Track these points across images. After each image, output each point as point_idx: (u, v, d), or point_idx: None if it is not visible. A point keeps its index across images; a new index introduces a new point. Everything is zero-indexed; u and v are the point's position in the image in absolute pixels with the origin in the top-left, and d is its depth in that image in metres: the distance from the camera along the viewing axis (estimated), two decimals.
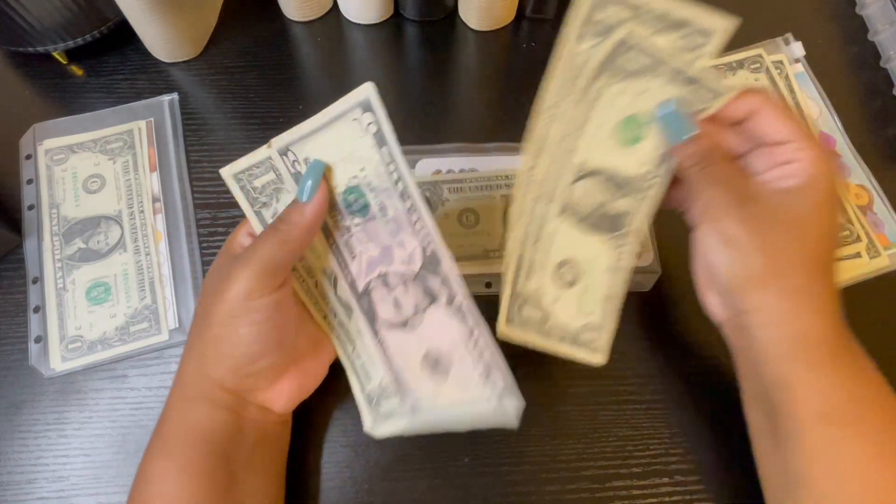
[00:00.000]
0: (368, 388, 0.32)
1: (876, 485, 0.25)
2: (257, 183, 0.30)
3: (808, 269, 0.26)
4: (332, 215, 0.30)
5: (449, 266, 0.29)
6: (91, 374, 0.36)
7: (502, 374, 0.29)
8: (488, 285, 0.38)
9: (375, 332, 0.31)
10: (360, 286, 0.31)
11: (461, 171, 0.41)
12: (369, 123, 0.27)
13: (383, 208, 0.29)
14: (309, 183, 0.27)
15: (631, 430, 0.35)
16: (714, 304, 0.30)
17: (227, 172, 0.29)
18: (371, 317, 0.31)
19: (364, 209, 0.29)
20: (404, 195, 0.28)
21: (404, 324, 0.30)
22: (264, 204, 0.30)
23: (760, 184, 0.27)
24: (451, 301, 0.29)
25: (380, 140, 0.27)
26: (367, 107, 0.27)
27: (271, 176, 0.29)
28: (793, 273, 0.26)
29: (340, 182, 0.29)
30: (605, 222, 0.31)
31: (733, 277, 0.27)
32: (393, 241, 0.30)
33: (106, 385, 0.36)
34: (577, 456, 0.35)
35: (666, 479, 0.34)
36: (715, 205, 0.27)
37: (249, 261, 0.27)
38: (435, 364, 0.30)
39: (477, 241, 0.39)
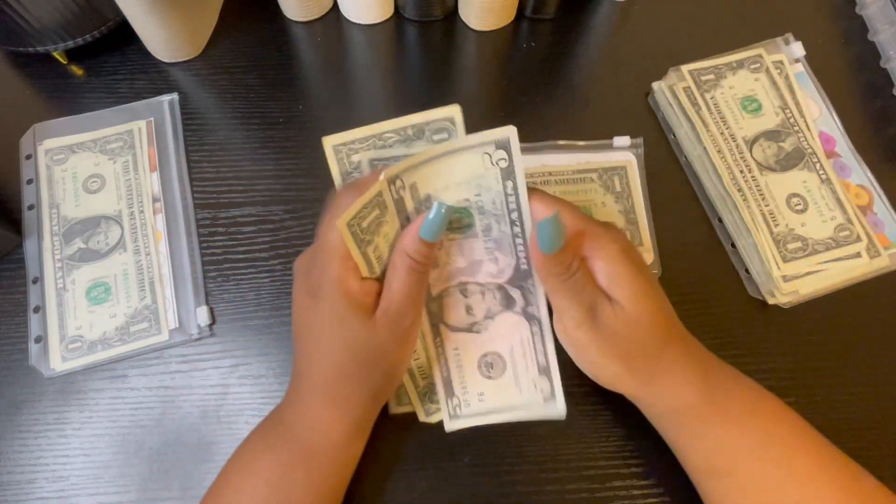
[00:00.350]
0: (421, 386, 0.34)
1: None
2: (365, 224, 0.28)
3: (655, 358, 0.30)
4: None
5: (536, 280, 0.33)
6: (91, 374, 0.36)
7: (550, 380, 0.33)
8: None
9: (436, 334, 0.34)
10: (435, 291, 0.33)
11: None
12: (500, 159, 0.29)
13: (487, 229, 0.32)
14: (438, 224, 0.28)
15: (631, 430, 0.35)
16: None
17: (341, 223, 0.27)
18: (437, 319, 0.34)
19: (465, 228, 0.32)
20: (515, 223, 0.31)
21: (471, 327, 0.34)
22: (368, 242, 0.29)
23: (602, 298, 0.29)
24: (526, 307, 0.33)
25: (508, 174, 0.30)
26: (503, 146, 0.29)
27: (376, 212, 0.29)
28: (643, 366, 0.30)
29: (448, 202, 0.30)
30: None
31: (596, 378, 0.32)
32: (486, 257, 0.33)
33: (106, 385, 0.36)
34: (577, 456, 0.35)
35: (666, 479, 0.34)
36: (569, 315, 0.30)
37: (399, 297, 0.28)
38: (490, 366, 0.34)
39: None
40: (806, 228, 0.39)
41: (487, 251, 0.33)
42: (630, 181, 0.41)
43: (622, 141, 0.42)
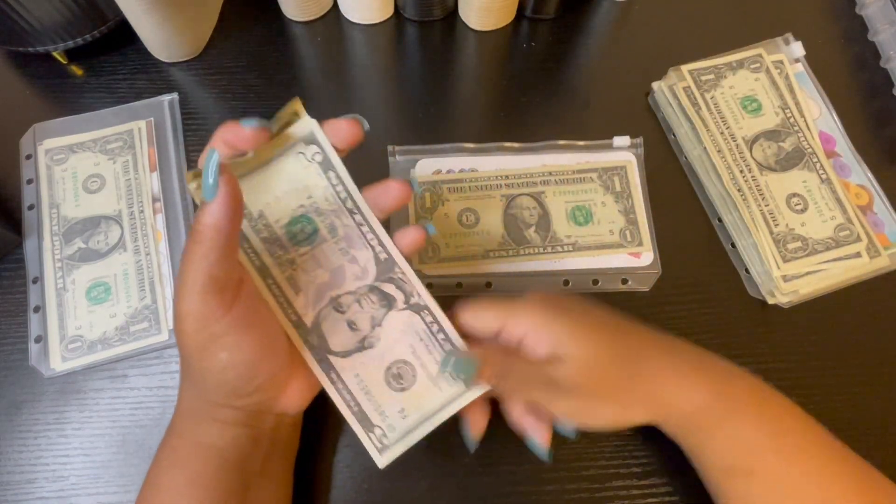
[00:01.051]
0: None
1: None
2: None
3: (637, 381, 0.30)
4: (271, 253, 0.29)
5: (403, 266, 0.30)
6: (91, 374, 0.36)
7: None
8: (488, 285, 0.38)
9: (329, 369, 0.30)
10: (309, 321, 0.30)
11: (461, 170, 0.41)
12: (315, 153, 0.29)
13: (333, 229, 0.30)
14: (210, 180, 0.24)
15: (631, 430, 0.35)
16: None
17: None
18: (322, 352, 0.30)
19: (312, 236, 0.30)
20: (353, 211, 0.30)
21: (361, 344, 0.30)
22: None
23: (544, 367, 0.29)
24: (408, 300, 0.31)
25: (326, 166, 0.29)
26: (310, 139, 0.29)
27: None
28: (631, 394, 0.30)
29: (283, 215, 0.29)
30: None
31: (605, 426, 0.31)
32: (344, 260, 0.30)
33: (106, 385, 0.36)
34: (577, 456, 0.35)
35: (666, 479, 0.34)
36: (546, 403, 0.30)
37: (185, 290, 0.24)
38: (399, 377, 0.30)
39: (477, 240, 0.39)
40: (806, 228, 0.39)
41: (343, 252, 0.30)
42: (630, 181, 0.41)
43: (622, 141, 0.42)
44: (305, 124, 0.29)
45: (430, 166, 0.41)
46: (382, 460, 0.29)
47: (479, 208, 0.39)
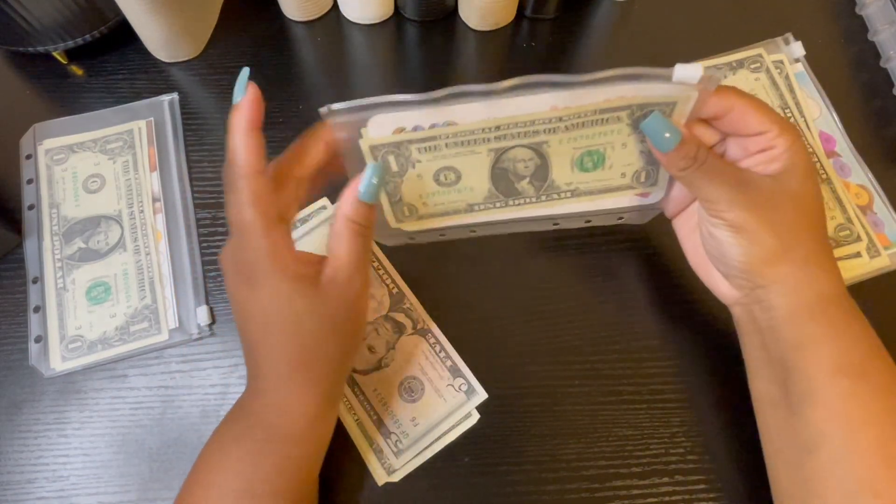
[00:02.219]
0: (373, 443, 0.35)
1: (885, 436, 0.25)
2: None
3: (812, 238, 0.28)
4: None
5: (411, 298, 0.38)
6: (91, 374, 0.36)
7: (463, 375, 0.36)
8: (472, 232, 0.35)
9: (353, 384, 0.36)
10: None
11: (433, 126, 0.29)
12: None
13: None
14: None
15: (631, 430, 0.35)
16: (725, 287, 0.31)
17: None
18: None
19: None
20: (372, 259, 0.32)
21: (379, 365, 0.36)
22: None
23: (750, 172, 0.28)
24: (415, 326, 0.37)
25: None
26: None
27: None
28: (800, 245, 0.28)
29: None
30: None
31: (750, 261, 0.28)
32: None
33: (106, 385, 0.36)
34: (577, 456, 0.35)
35: (666, 479, 0.34)
36: (716, 198, 0.28)
37: (361, 265, 0.28)
38: (410, 391, 0.36)
39: (458, 197, 0.33)
40: None
41: None
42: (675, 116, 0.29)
43: (688, 72, 0.28)
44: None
45: (389, 124, 0.29)
46: (398, 462, 0.34)
47: (461, 165, 0.31)
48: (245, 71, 0.26)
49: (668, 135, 0.27)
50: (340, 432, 0.35)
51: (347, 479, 0.34)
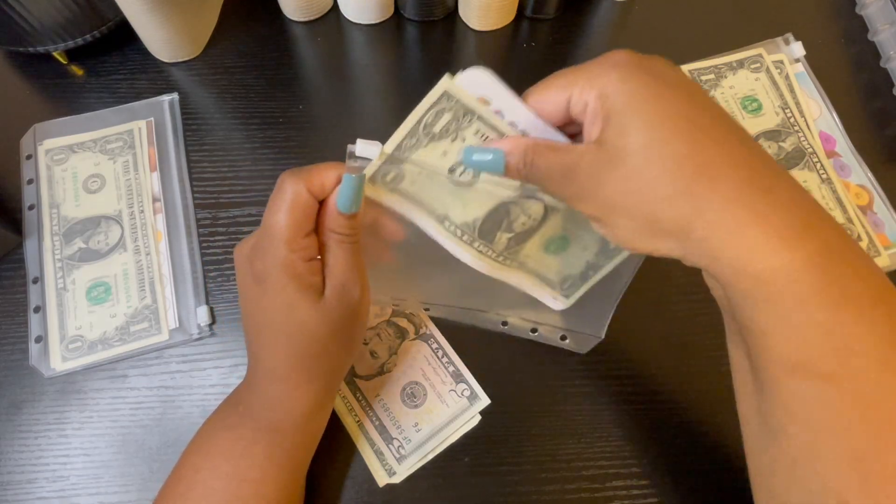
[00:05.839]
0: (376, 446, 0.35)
1: (863, 450, 0.20)
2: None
3: (711, 187, 0.21)
4: None
5: (414, 304, 0.37)
6: (91, 374, 0.36)
7: (466, 381, 0.36)
8: (426, 308, 0.35)
9: (355, 390, 0.36)
10: None
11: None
12: None
13: None
14: (349, 197, 0.27)
15: (631, 430, 0.35)
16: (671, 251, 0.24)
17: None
18: (350, 376, 0.36)
19: None
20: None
21: (381, 370, 0.36)
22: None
23: (574, 149, 0.23)
24: (417, 331, 0.37)
25: None
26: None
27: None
28: (673, 226, 0.21)
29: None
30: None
31: (630, 245, 0.24)
32: None
33: (106, 385, 0.36)
34: (577, 456, 0.35)
35: (666, 479, 0.34)
36: (560, 197, 0.25)
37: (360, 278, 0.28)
38: (412, 396, 0.36)
39: (446, 197, 0.30)
40: None
41: None
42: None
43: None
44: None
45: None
46: (401, 468, 0.34)
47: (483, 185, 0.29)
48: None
49: (490, 157, 0.25)
50: (342, 434, 0.35)
51: (348, 479, 0.34)
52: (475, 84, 0.26)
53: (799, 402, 0.21)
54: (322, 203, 0.27)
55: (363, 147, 0.27)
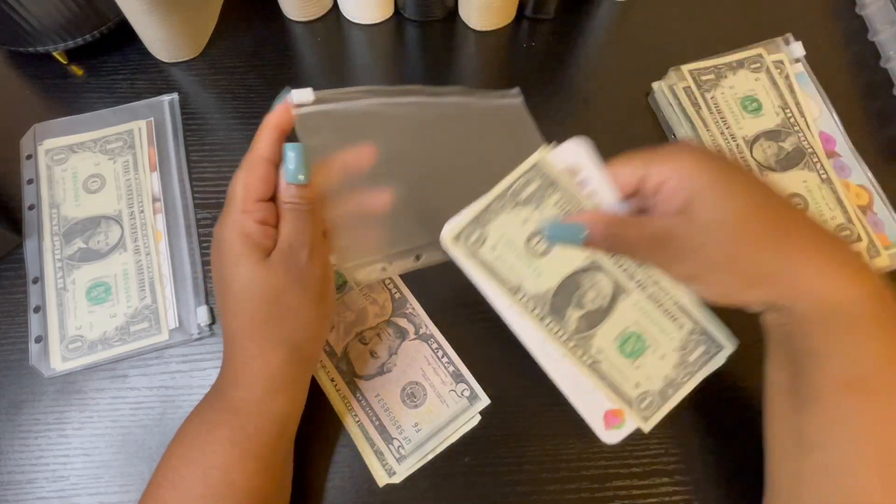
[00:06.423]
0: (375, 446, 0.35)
1: (887, 456, 0.24)
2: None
3: (781, 246, 0.26)
4: None
5: (413, 304, 0.37)
6: (91, 374, 0.36)
7: (466, 381, 0.36)
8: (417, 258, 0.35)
9: (355, 389, 0.36)
10: (339, 351, 0.36)
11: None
12: None
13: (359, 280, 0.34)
14: (293, 168, 0.28)
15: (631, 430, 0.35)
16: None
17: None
18: (350, 375, 0.36)
19: (342, 286, 0.38)
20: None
21: (381, 370, 0.36)
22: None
23: (662, 221, 0.27)
24: (417, 331, 0.37)
25: None
26: None
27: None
28: (768, 261, 0.26)
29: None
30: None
31: (721, 298, 0.28)
32: (366, 302, 0.37)
33: (106, 385, 0.36)
34: (577, 456, 0.35)
35: (666, 479, 0.34)
36: (651, 263, 0.29)
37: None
38: (412, 396, 0.35)
39: (522, 268, 0.31)
40: None
41: (364, 296, 0.38)
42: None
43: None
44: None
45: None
46: (401, 468, 0.34)
47: (558, 254, 0.30)
48: (286, 90, 0.29)
49: (572, 231, 0.28)
50: (342, 434, 0.35)
51: (348, 479, 0.34)
52: (572, 151, 0.29)
53: (844, 415, 0.25)
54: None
55: (298, 95, 0.29)
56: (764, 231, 0.26)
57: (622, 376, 0.30)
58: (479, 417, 0.35)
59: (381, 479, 0.34)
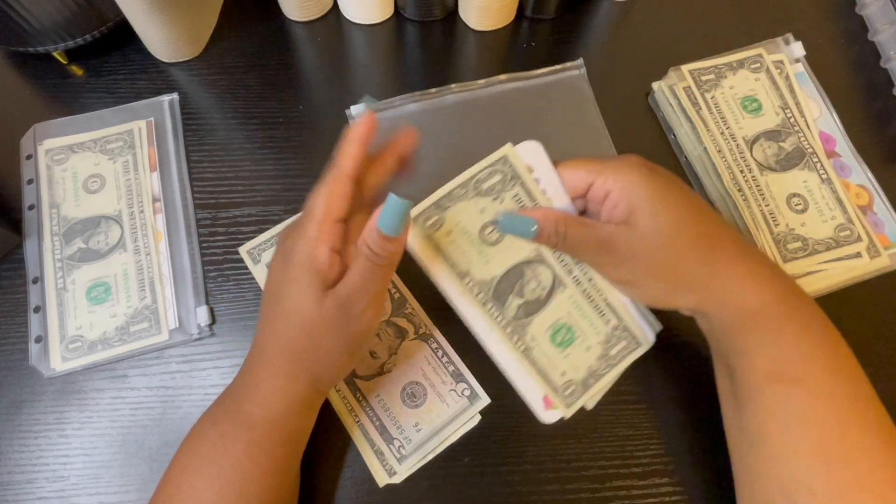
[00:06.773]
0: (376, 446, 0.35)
1: (825, 437, 0.27)
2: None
3: (706, 259, 0.29)
4: None
5: (413, 304, 0.37)
6: (91, 374, 0.36)
7: (466, 381, 0.36)
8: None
9: (355, 390, 0.36)
10: None
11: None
12: None
13: None
14: (393, 220, 0.26)
15: (631, 430, 0.35)
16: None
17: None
18: (350, 376, 0.36)
19: None
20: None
21: (381, 370, 0.36)
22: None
23: (607, 227, 0.30)
24: (417, 331, 0.37)
25: None
26: None
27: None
28: (695, 273, 0.29)
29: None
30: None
31: (651, 302, 0.32)
32: None
33: (106, 385, 0.36)
34: (577, 456, 0.35)
35: (666, 479, 0.34)
36: (591, 263, 0.32)
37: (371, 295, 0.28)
38: (412, 396, 0.35)
39: (473, 255, 0.32)
40: (806, 228, 0.39)
41: None
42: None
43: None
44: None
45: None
46: (401, 468, 0.34)
47: (509, 243, 0.31)
48: (367, 98, 0.30)
49: (524, 224, 0.30)
50: (342, 434, 0.35)
51: (348, 479, 0.34)
52: (527, 151, 0.30)
53: (775, 404, 0.28)
54: (375, 210, 0.26)
55: (357, 109, 0.32)
56: (692, 243, 0.29)
57: (551, 364, 0.32)
58: (479, 417, 0.35)
59: (382, 479, 0.34)
